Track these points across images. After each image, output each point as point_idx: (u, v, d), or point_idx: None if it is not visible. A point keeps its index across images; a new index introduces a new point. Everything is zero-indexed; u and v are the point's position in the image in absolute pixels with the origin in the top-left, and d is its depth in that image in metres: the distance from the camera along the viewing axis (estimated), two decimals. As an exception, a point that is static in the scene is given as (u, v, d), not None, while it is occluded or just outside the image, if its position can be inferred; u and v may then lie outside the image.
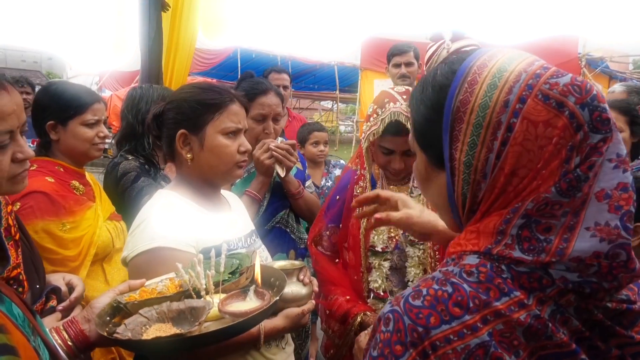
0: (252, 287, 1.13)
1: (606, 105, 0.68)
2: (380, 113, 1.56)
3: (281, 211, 2.20)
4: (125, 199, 2.09)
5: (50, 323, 1.08)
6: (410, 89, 1.63)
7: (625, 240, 0.67)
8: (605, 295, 0.69)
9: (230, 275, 1.22)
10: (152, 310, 1.05)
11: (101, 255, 1.84)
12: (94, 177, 2.10)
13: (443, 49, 2.42)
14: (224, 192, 1.68)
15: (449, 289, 0.70)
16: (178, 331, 1.00)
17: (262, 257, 1.58)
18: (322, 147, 3.49)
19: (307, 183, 2.39)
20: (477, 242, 0.73)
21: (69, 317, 1.12)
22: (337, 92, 15.97)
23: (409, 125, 1.50)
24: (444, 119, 0.75)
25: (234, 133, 1.45)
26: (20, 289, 1.08)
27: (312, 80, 18.83)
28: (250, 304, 1.10)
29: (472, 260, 0.73)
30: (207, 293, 1.12)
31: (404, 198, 1.28)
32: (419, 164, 0.86)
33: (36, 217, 1.58)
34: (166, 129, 1.47)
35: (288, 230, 2.23)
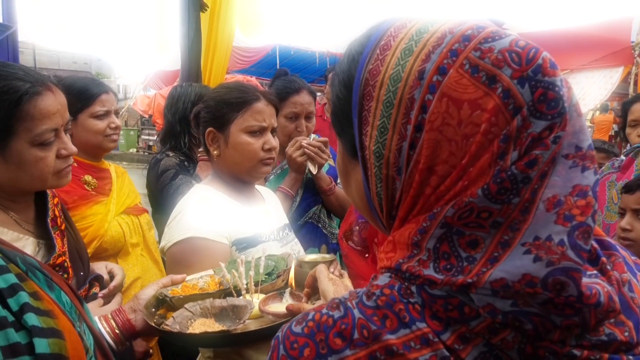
0: (288, 290, 1.17)
1: (556, 79, 0.49)
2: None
3: (313, 207, 2.24)
4: (163, 194, 2.18)
5: (93, 308, 1.16)
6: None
7: (572, 265, 0.47)
8: (567, 335, 0.49)
9: (266, 277, 1.27)
10: (197, 306, 1.11)
11: (112, 250, 1.84)
12: (122, 169, 2.12)
13: None
14: (258, 187, 1.73)
15: (337, 314, 0.54)
16: (222, 327, 1.05)
17: (294, 250, 1.62)
18: None
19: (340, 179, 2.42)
20: (393, 256, 0.56)
21: (112, 304, 1.20)
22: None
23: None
24: (352, 96, 0.59)
25: (257, 131, 1.49)
26: (65, 276, 1.16)
27: (350, 76, 18.74)
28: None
29: (382, 279, 0.56)
30: (247, 292, 1.17)
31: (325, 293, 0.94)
32: (338, 154, 0.69)
33: None
34: (201, 127, 1.55)
35: (320, 225, 2.27)
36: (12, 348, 0.65)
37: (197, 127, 1.58)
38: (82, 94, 1.84)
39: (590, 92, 8.21)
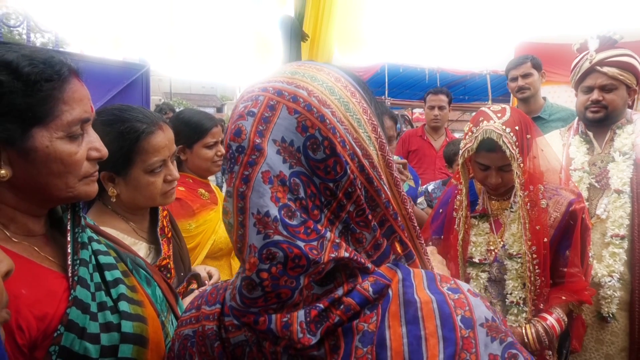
0: None
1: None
2: (474, 131, 1.63)
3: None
4: None
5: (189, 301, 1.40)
6: (507, 106, 1.66)
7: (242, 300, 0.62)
8: (279, 352, 0.65)
9: None
10: None
11: (225, 250, 2.13)
12: (218, 189, 2.44)
13: (585, 61, 2.19)
14: None
15: (209, 288, 0.80)
16: None
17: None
18: None
19: (419, 200, 2.50)
20: None
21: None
22: (490, 102, 15.19)
23: (501, 142, 1.55)
24: None
25: None
26: (168, 275, 1.43)
27: (462, 92, 18.13)
28: None
29: None
30: None
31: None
32: None
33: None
34: None
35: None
36: (107, 325, 0.87)
37: None
38: (198, 127, 2.16)
39: None
